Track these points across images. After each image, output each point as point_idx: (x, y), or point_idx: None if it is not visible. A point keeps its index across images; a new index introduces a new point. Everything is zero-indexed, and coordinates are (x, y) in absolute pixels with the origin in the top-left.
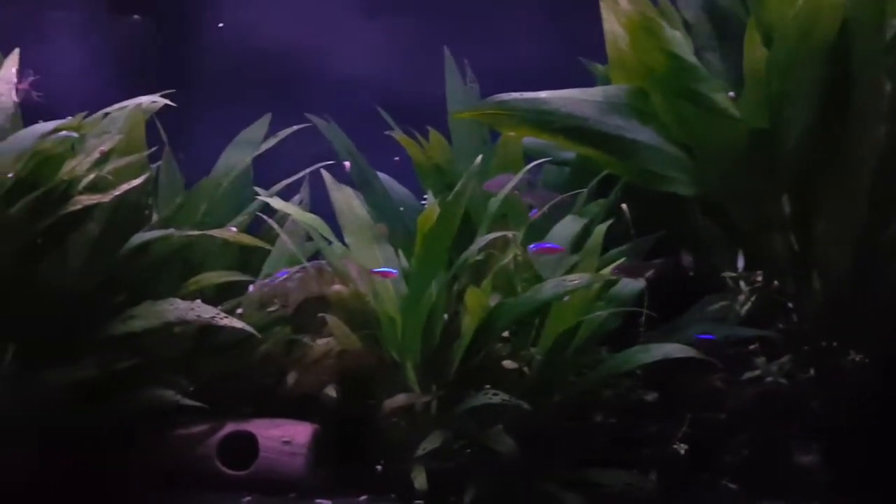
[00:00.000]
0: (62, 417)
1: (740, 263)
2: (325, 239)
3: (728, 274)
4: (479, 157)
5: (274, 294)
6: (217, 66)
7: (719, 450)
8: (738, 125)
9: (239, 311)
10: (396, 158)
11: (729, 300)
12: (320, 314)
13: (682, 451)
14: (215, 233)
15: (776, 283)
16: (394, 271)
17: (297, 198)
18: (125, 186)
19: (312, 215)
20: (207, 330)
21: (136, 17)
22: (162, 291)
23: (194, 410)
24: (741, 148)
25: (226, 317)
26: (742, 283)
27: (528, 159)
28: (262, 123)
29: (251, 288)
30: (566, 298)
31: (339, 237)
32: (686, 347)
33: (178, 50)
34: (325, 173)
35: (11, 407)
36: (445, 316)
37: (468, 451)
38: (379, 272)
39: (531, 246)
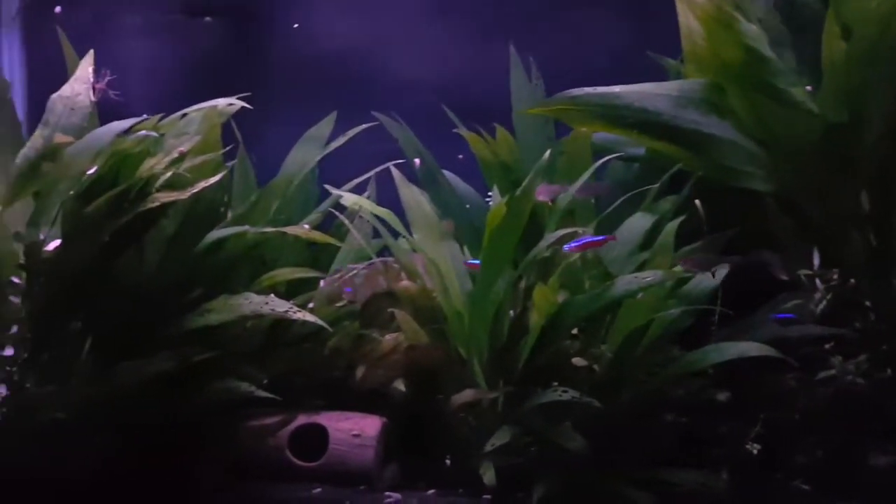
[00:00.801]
0: (140, 409)
1: (816, 261)
2: (393, 235)
3: (803, 272)
4: (547, 153)
5: (343, 289)
6: (285, 67)
7: (792, 450)
8: (816, 119)
9: (310, 305)
10: (460, 156)
11: (804, 298)
12: (390, 309)
13: (755, 451)
14: (289, 230)
15: (853, 281)
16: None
17: (364, 195)
18: (201, 184)
19: (386, 210)
20: (279, 324)
21: (207, 19)
22: (236, 287)
23: (267, 402)
24: (819, 142)
25: (299, 310)
26: (818, 281)
27: (596, 155)
28: (329, 121)
29: (322, 283)
30: (639, 296)
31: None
32: (762, 346)
33: (248, 51)
34: (394, 171)
35: (90, 399)
36: (512, 312)
37: (537, 447)
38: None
39: (566, 245)
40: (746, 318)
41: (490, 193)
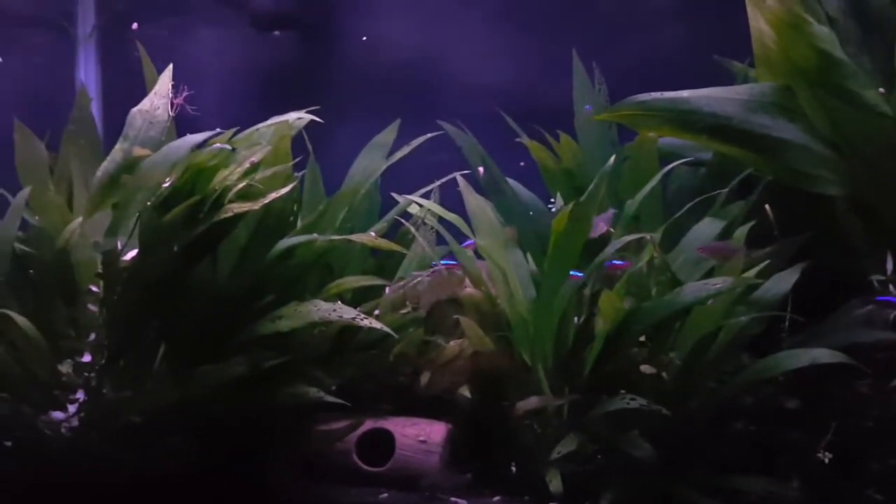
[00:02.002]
0: (213, 413)
1: (889, 265)
2: (458, 242)
3: (876, 277)
4: (612, 159)
5: (407, 296)
6: (351, 78)
7: (865, 458)
8: (889, 122)
9: (376, 312)
10: (522, 164)
11: (876, 304)
12: (455, 316)
13: (826, 460)
14: (356, 238)
15: None
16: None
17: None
18: (272, 195)
19: (454, 215)
20: (346, 331)
21: (276, 33)
22: (304, 294)
23: (335, 407)
24: (892, 145)
25: (366, 318)
26: (891, 287)
27: (662, 162)
28: (392, 129)
29: (388, 290)
30: (708, 303)
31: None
32: (833, 352)
33: (315, 63)
34: (460, 179)
35: (165, 404)
36: (577, 319)
37: (603, 455)
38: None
39: (608, 262)
40: (818, 324)
41: (552, 200)
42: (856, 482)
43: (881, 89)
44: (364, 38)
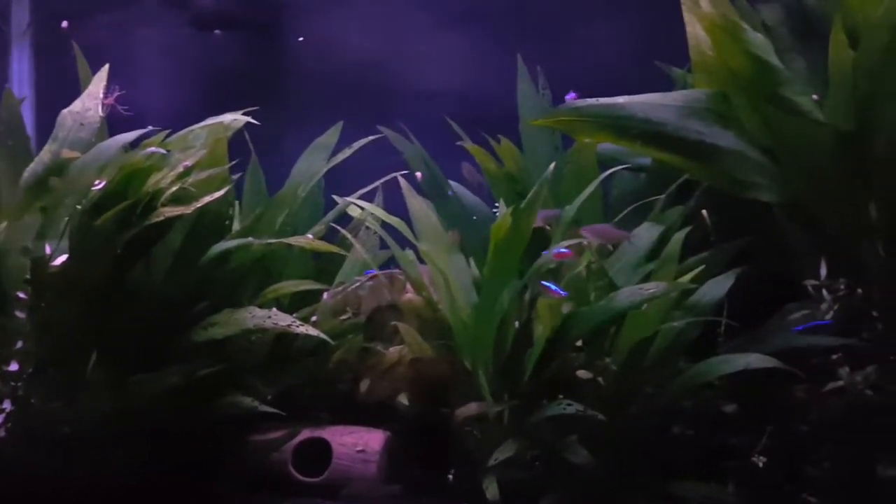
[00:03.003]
0: (147, 424)
1: (823, 271)
2: (400, 246)
3: (810, 282)
4: (552, 165)
5: (346, 302)
6: (297, 78)
7: (801, 462)
8: (824, 129)
9: (314, 318)
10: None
11: (811, 309)
12: (392, 322)
13: (762, 464)
14: (292, 240)
15: (860, 291)
16: (564, 293)
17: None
18: (206, 198)
19: (397, 218)
20: (284, 337)
21: (218, 32)
22: (242, 300)
23: (273, 416)
24: (826, 152)
25: (301, 324)
26: (825, 291)
27: (602, 166)
28: (335, 131)
29: (325, 296)
30: (643, 307)
31: (411, 246)
32: (767, 358)
33: (260, 63)
34: (402, 181)
35: (97, 414)
36: (517, 324)
37: (542, 461)
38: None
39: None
40: (756, 328)
41: (497, 204)
42: (792, 486)
43: (815, 96)
44: (301, 39)
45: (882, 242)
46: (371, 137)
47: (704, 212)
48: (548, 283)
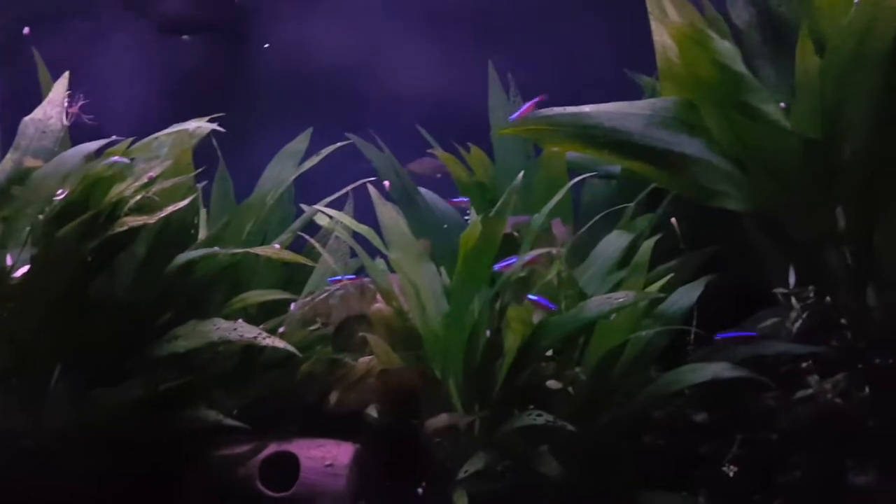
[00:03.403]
0: (112, 438)
1: (792, 279)
2: (371, 255)
3: (779, 290)
4: (521, 174)
5: (316, 312)
6: (266, 84)
7: (771, 470)
8: (791, 136)
9: (281, 329)
10: (439, 175)
11: (781, 316)
12: (360, 334)
13: (733, 473)
14: (258, 250)
15: (828, 298)
16: (553, 306)
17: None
18: (170, 208)
19: (366, 227)
20: (251, 349)
21: (185, 37)
22: (209, 310)
23: (239, 430)
24: (794, 160)
25: (268, 336)
26: (793, 299)
27: (573, 173)
28: (304, 138)
29: (293, 306)
30: (612, 317)
31: (383, 255)
32: (735, 367)
33: (226, 68)
34: (371, 189)
35: (61, 427)
36: (488, 333)
37: (513, 473)
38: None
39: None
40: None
41: (469, 212)
42: (763, 495)
43: (783, 104)
44: (266, 46)
45: (850, 250)
46: (339, 144)
47: (674, 220)
48: (536, 298)
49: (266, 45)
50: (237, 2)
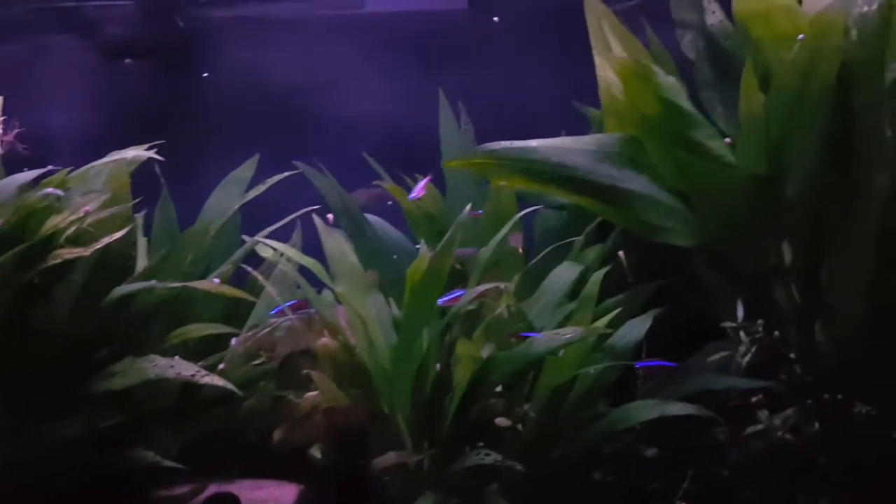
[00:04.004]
0: (47, 476)
1: (740, 313)
2: (316, 287)
3: (727, 324)
4: (468, 206)
5: (260, 346)
6: (214, 109)
7: None
8: (736, 172)
9: (221, 366)
10: (390, 202)
11: (730, 350)
12: (304, 371)
13: None
14: (197, 284)
15: (777, 333)
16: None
17: (290, 244)
18: (106, 239)
19: (311, 259)
20: (191, 386)
21: (128, 61)
22: (147, 344)
23: (179, 470)
24: (739, 195)
25: (207, 374)
26: (742, 333)
27: (526, 203)
28: (250, 165)
29: (234, 341)
30: (561, 352)
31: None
32: (684, 405)
33: (174, 93)
34: (316, 219)
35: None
36: (438, 365)
37: None
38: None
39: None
40: (675, 369)
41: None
42: None
43: (728, 139)
44: (205, 75)
45: (796, 285)
46: (286, 174)
47: (621, 253)
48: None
49: (205, 74)
50: (183, 26)
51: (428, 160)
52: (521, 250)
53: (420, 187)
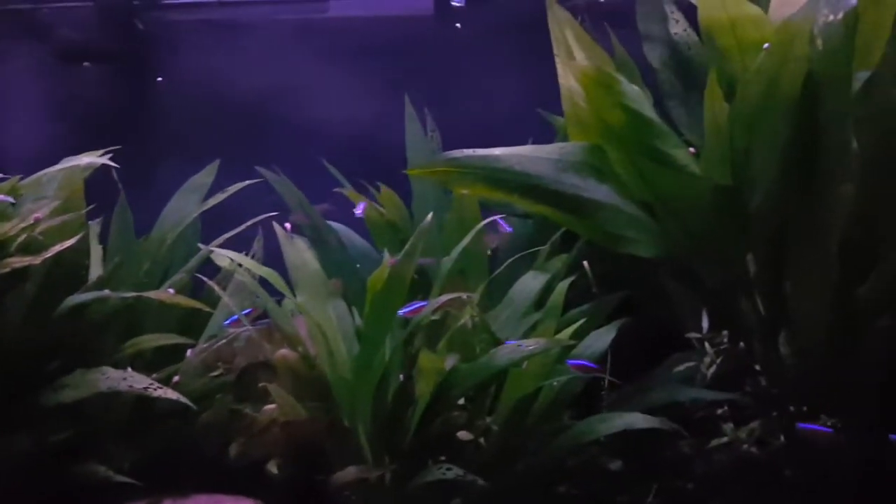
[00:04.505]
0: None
1: (705, 324)
2: (277, 296)
3: (692, 335)
4: (430, 215)
5: (219, 358)
6: (175, 114)
7: None
8: (700, 182)
9: (176, 378)
10: (357, 210)
11: (696, 361)
12: (261, 384)
13: None
14: (151, 294)
15: (742, 344)
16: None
17: (251, 252)
18: (57, 247)
19: (268, 268)
20: (145, 398)
21: (86, 64)
22: (101, 355)
23: (133, 486)
24: (703, 206)
25: (160, 387)
26: (707, 345)
27: (487, 211)
28: (210, 171)
29: (189, 353)
30: (524, 364)
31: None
32: (648, 417)
33: (134, 98)
34: (276, 226)
35: None
36: (401, 377)
37: None
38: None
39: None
40: (640, 380)
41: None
42: None
43: (692, 149)
44: (160, 79)
45: (761, 297)
46: (249, 182)
47: (586, 263)
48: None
49: (160, 79)
50: (142, 28)
51: (395, 168)
52: (490, 250)
53: (360, 210)
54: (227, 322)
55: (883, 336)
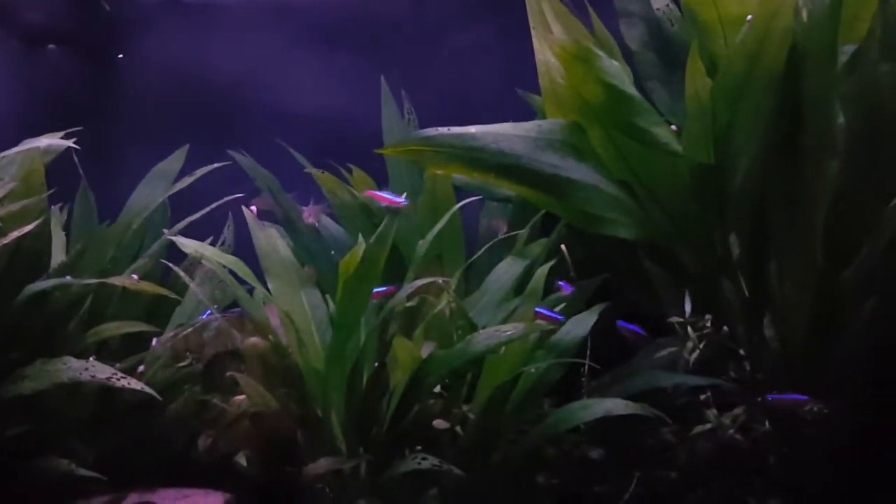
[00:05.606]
0: None
1: (688, 307)
2: (247, 284)
3: (675, 319)
4: (404, 195)
5: (187, 347)
6: (145, 99)
7: None
8: (681, 161)
9: (140, 368)
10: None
11: (678, 346)
12: (228, 373)
13: None
14: (114, 280)
15: (725, 328)
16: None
17: (220, 239)
18: (15, 233)
19: (232, 257)
20: (109, 390)
21: (52, 46)
22: (63, 345)
23: (97, 480)
24: (685, 185)
25: (123, 377)
26: (689, 329)
27: (462, 194)
28: (178, 157)
29: (155, 342)
30: (502, 350)
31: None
32: (629, 403)
33: (100, 81)
34: (246, 211)
35: None
36: (375, 365)
37: None
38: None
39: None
40: (622, 366)
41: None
42: None
43: (674, 126)
44: (120, 56)
45: (745, 280)
46: (216, 164)
47: (563, 247)
48: (542, 310)
49: (120, 56)
50: (108, 10)
51: (371, 151)
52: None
53: (307, 212)
54: (206, 314)
55: (868, 319)
